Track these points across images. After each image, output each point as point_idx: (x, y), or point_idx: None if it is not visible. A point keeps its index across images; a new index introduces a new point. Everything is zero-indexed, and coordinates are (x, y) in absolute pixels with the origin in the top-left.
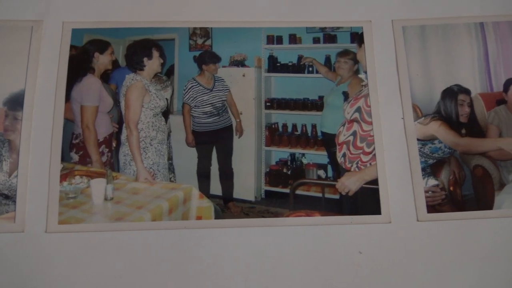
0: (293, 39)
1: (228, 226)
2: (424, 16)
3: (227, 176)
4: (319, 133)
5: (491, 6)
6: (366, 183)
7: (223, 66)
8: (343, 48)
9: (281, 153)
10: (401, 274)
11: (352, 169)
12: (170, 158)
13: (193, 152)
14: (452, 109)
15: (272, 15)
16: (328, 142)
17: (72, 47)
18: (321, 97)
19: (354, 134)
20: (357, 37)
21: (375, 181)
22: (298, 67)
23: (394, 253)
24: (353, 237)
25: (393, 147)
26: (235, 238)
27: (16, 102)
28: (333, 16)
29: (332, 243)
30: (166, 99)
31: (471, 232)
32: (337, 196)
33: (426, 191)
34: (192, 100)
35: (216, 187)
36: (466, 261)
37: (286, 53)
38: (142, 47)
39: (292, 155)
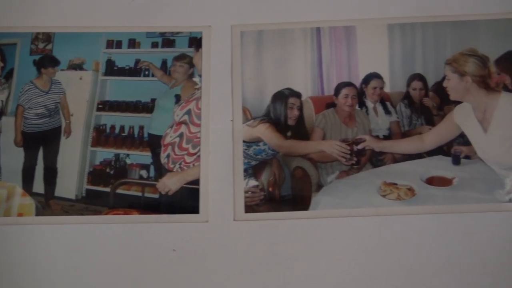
0: (132, 43)
1: (47, 223)
2: (263, 21)
3: (51, 175)
4: (145, 135)
5: (328, 11)
6: (188, 183)
7: (62, 70)
8: (180, 53)
9: (106, 153)
10: (210, 271)
11: (174, 170)
12: None
13: (21, 152)
14: (281, 112)
15: (114, 20)
16: (153, 143)
17: None
18: (153, 100)
19: (180, 135)
20: (195, 42)
21: (197, 181)
22: (135, 71)
23: (207, 251)
24: (169, 235)
25: (219, 149)
26: (54, 235)
27: None
28: (174, 21)
29: (147, 240)
30: (1, 101)
31: (285, 231)
32: (156, 196)
33: (245, 192)
34: (27, 102)
35: (39, 186)
36: (278, 259)
37: (124, 57)
38: None
39: (117, 156)
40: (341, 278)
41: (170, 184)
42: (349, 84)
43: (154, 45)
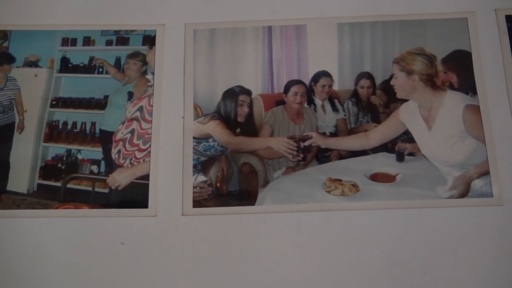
0: (87, 41)
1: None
2: (216, 20)
3: (3, 169)
4: (97, 131)
5: (280, 10)
6: (138, 178)
7: (17, 67)
8: (134, 50)
9: (58, 149)
10: (158, 263)
11: (125, 165)
12: None
13: None
14: (232, 109)
15: (69, 19)
16: (105, 139)
17: None
18: (106, 97)
19: (132, 132)
20: (149, 40)
21: (147, 177)
22: (89, 68)
23: (155, 245)
24: (118, 229)
25: (169, 145)
26: (6, 228)
27: None
28: (129, 19)
29: (97, 234)
30: None
31: (232, 226)
32: (106, 190)
33: (194, 187)
34: None
35: None
36: (225, 253)
37: (79, 55)
38: None
39: (69, 151)
40: (287, 271)
41: (120, 179)
42: (298, 82)
43: (109, 43)
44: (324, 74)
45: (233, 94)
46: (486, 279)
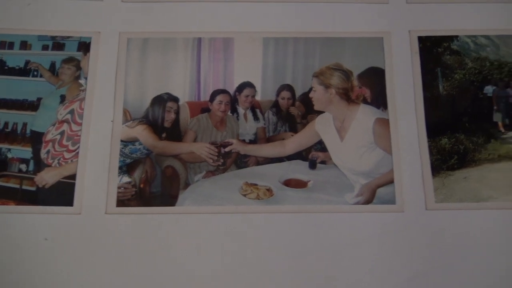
0: (24, 45)
1: None
2: (150, 30)
3: None
4: (28, 131)
5: (209, 23)
6: (65, 178)
7: None
8: (69, 56)
9: None
10: (80, 259)
11: (53, 165)
12: None
13: None
14: (159, 115)
15: (7, 22)
16: (35, 139)
17: None
18: (39, 99)
19: (62, 133)
20: (84, 46)
21: (74, 176)
22: (24, 71)
23: (78, 241)
24: (43, 225)
25: (97, 147)
26: None
27: None
28: (66, 26)
29: (22, 230)
30: None
31: (153, 225)
32: (34, 188)
33: (118, 187)
34: None
35: None
36: (144, 251)
37: (15, 58)
38: None
39: None
40: (203, 270)
41: (47, 178)
42: (223, 92)
43: (45, 47)
44: (248, 85)
45: (162, 100)
46: (385, 278)
